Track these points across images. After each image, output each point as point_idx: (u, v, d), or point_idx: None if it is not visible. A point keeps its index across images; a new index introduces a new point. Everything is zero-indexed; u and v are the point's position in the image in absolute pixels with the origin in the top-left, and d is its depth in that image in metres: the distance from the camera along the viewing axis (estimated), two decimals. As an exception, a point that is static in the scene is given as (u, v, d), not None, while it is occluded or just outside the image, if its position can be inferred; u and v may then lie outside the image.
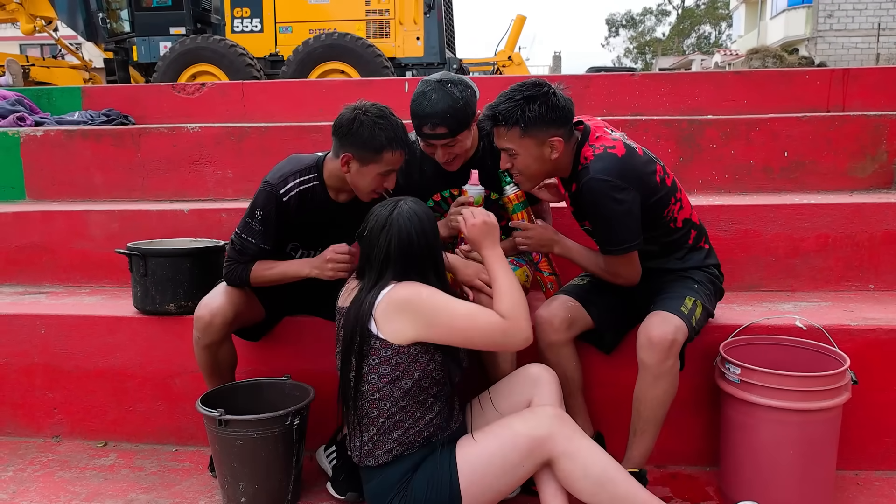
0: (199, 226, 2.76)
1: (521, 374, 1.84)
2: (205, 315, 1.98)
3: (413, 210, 1.68)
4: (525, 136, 1.81)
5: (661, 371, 1.81)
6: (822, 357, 1.96)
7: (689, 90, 3.86)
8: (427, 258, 1.68)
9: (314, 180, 2.01)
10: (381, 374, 1.63)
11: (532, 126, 1.79)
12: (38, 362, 2.43)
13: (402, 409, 1.64)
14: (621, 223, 1.83)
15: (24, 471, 2.23)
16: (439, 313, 1.60)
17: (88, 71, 8.38)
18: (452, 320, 1.61)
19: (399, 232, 1.64)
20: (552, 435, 1.60)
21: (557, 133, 1.82)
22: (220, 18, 7.64)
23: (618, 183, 1.79)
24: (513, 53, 8.81)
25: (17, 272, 2.92)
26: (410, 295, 1.61)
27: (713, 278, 2.02)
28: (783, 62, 15.04)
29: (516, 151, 1.84)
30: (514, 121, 1.79)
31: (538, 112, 1.78)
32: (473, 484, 1.61)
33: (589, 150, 1.85)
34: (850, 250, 2.55)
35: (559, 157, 1.85)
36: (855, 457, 2.10)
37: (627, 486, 1.60)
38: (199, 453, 2.32)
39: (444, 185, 2.18)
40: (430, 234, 1.69)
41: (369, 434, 1.67)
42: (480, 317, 1.63)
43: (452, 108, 1.93)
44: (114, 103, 4.32)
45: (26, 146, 3.34)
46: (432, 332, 1.61)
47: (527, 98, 1.78)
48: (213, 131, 3.26)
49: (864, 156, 3.00)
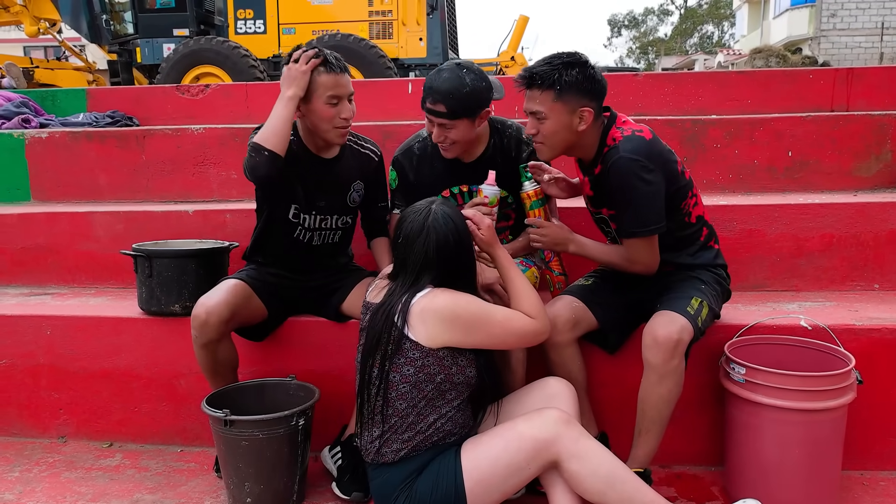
0: (203, 227, 2.77)
1: (538, 387, 1.82)
2: (200, 313, 1.97)
3: (448, 214, 1.69)
4: (558, 101, 1.81)
5: (666, 371, 1.81)
6: (827, 357, 1.96)
7: (693, 90, 3.86)
8: (464, 261, 1.71)
9: (292, 136, 2.06)
10: (403, 374, 1.63)
11: (566, 91, 1.79)
12: (44, 363, 2.44)
13: (418, 411, 1.65)
14: (648, 204, 1.83)
15: (30, 471, 2.24)
16: (479, 320, 1.64)
17: (92, 73, 8.40)
18: (491, 327, 1.65)
19: (437, 236, 1.66)
20: (558, 437, 1.60)
21: (589, 105, 1.82)
22: (223, 20, 7.66)
23: (646, 164, 1.80)
24: (515, 54, 8.80)
25: (23, 273, 2.93)
26: (449, 303, 1.63)
27: (720, 279, 2.01)
28: (786, 62, 15.01)
29: (546, 115, 1.83)
30: (549, 83, 1.79)
31: (575, 78, 1.78)
32: (479, 485, 1.61)
33: (617, 132, 1.87)
34: (854, 250, 2.55)
35: (585, 131, 1.85)
36: (860, 457, 2.09)
37: (635, 486, 1.61)
38: (204, 454, 2.33)
39: (454, 181, 2.19)
40: (466, 237, 1.72)
41: (380, 431, 1.67)
42: (514, 320, 1.69)
43: (457, 91, 1.94)
44: (118, 105, 4.33)
45: (31, 148, 3.35)
46: (470, 338, 1.64)
47: (566, 63, 1.79)
48: (218, 132, 3.27)
49: (868, 155, 2.99)
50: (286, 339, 2.31)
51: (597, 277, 2.12)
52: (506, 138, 2.18)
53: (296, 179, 2.10)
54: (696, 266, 2.00)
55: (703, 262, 2.00)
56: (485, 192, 2.03)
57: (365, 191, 2.26)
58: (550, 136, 1.86)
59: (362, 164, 2.23)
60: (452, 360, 1.64)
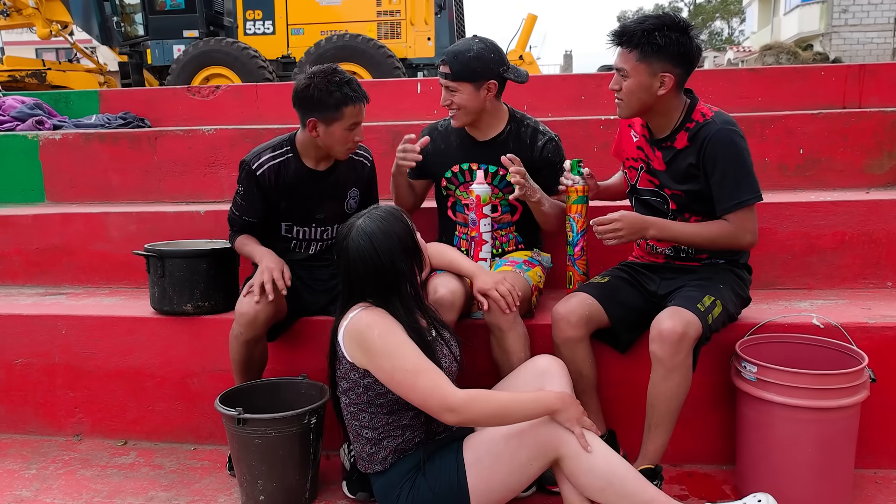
0: (214, 227, 2.79)
1: (528, 367, 1.83)
2: (249, 311, 2.01)
3: (369, 230, 1.60)
4: (642, 62, 1.83)
5: (672, 365, 1.80)
6: (840, 355, 1.95)
7: (703, 88, 3.83)
8: (386, 281, 1.61)
9: (287, 153, 2.14)
10: (351, 398, 1.66)
11: (651, 54, 1.81)
12: (59, 362, 2.47)
13: (385, 423, 1.65)
14: (750, 172, 1.86)
15: (46, 469, 2.27)
16: (383, 358, 1.55)
17: (103, 74, 8.47)
18: (394, 371, 1.54)
19: (352, 255, 1.61)
20: (559, 434, 1.59)
21: (673, 71, 1.83)
22: (232, 21, 7.70)
23: (742, 134, 1.86)
24: (524, 52, 8.77)
25: (38, 273, 2.96)
26: (363, 329, 1.58)
27: (742, 283, 2.01)
28: (797, 58, 14.90)
29: (628, 74, 1.86)
30: (634, 43, 1.81)
31: (662, 42, 1.79)
32: (482, 482, 1.60)
33: (706, 108, 1.91)
34: (867, 247, 2.53)
35: (665, 96, 1.86)
36: (874, 455, 2.08)
37: (635, 483, 1.58)
38: (217, 452, 2.35)
39: (464, 158, 2.22)
40: (388, 253, 1.59)
41: (361, 444, 1.69)
42: (423, 378, 1.52)
43: (462, 54, 2.04)
44: (130, 106, 4.37)
45: (45, 149, 3.39)
46: (376, 373, 1.58)
47: (657, 26, 1.80)
48: (228, 133, 3.29)
49: (881, 152, 2.97)
50: (297, 339, 2.32)
51: (612, 276, 2.12)
52: (523, 127, 2.21)
53: (287, 201, 2.17)
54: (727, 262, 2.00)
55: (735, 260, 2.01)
56: (476, 191, 2.04)
57: (360, 196, 2.31)
58: (629, 94, 1.88)
59: (357, 172, 2.28)
60: None
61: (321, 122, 2.02)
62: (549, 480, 1.90)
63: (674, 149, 1.93)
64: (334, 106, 1.99)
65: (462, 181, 2.23)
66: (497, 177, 2.18)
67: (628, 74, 1.85)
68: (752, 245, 1.94)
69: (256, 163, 2.12)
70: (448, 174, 2.24)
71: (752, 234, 1.91)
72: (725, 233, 1.90)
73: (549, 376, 1.75)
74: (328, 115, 2.00)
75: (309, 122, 2.03)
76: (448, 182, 2.26)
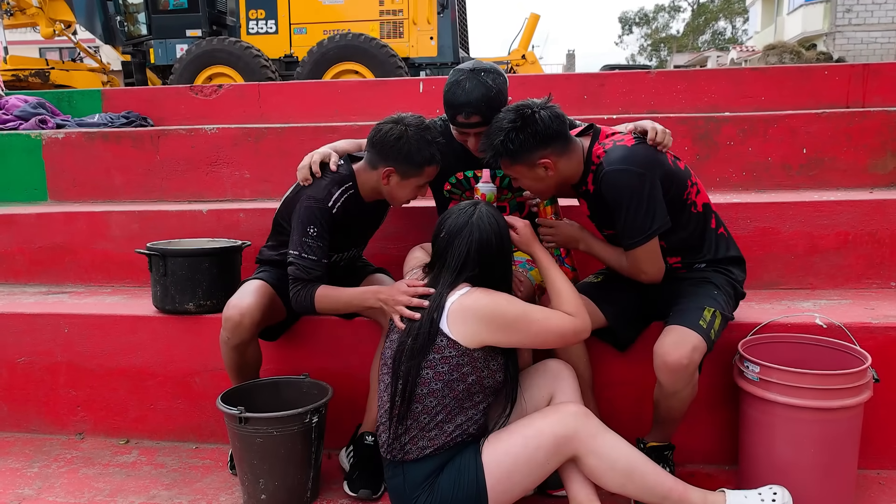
0: (217, 226, 2.79)
1: (540, 369, 1.87)
2: (234, 315, 1.99)
3: (493, 214, 1.72)
4: (516, 164, 1.87)
5: (678, 387, 1.83)
6: (843, 355, 1.94)
7: (706, 87, 3.83)
8: (503, 262, 1.74)
9: (351, 188, 2.05)
10: (437, 371, 1.64)
11: (517, 155, 1.84)
12: (62, 361, 2.47)
13: (448, 410, 1.65)
14: (645, 209, 1.81)
15: (48, 467, 2.27)
16: (519, 320, 1.66)
17: (107, 73, 8.48)
18: (530, 326, 1.66)
19: (481, 235, 1.68)
20: (577, 433, 1.63)
21: (545, 153, 1.84)
22: (235, 20, 7.71)
23: (634, 169, 1.81)
24: (526, 52, 8.78)
25: (41, 272, 2.97)
26: (490, 303, 1.65)
27: (734, 282, 1.99)
28: (801, 58, 14.86)
29: (518, 177, 1.92)
30: (501, 153, 1.85)
31: (519, 141, 1.81)
32: (500, 483, 1.63)
33: (599, 149, 1.89)
34: (870, 247, 2.52)
35: (559, 171, 1.88)
36: (877, 456, 2.08)
37: (655, 475, 1.65)
38: (219, 450, 2.35)
39: (468, 165, 2.20)
40: (507, 238, 1.75)
41: (405, 427, 1.67)
42: (553, 319, 1.70)
43: (486, 97, 1.95)
44: (133, 105, 4.37)
45: (48, 148, 3.40)
46: (511, 338, 1.67)
47: (507, 131, 1.82)
48: (231, 132, 3.29)
49: (885, 152, 2.96)
50: (299, 338, 2.33)
51: (607, 274, 2.12)
52: None
53: (344, 233, 2.11)
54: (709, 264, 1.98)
55: (719, 258, 1.98)
56: (481, 190, 2.04)
57: None
58: (533, 190, 1.97)
59: None
60: (485, 362, 1.66)
61: (398, 173, 1.96)
62: (549, 485, 1.92)
63: (589, 192, 1.95)
64: (419, 164, 1.94)
65: (468, 188, 2.22)
66: (506, 179, 2.17)
67: (518, 177, 1.91)
68: (649, 282, 1.93)
69: (331, 200, 1.99)
70: (452, 180, 2.23)
71: (648, 275, 1.91)
72: (625, 269, 1.95)
73: (561, 380, 1.83)
74: (409, 170, 1.95)
75: (385, 171, 1.96)
76: (453, 187, 2.25)
